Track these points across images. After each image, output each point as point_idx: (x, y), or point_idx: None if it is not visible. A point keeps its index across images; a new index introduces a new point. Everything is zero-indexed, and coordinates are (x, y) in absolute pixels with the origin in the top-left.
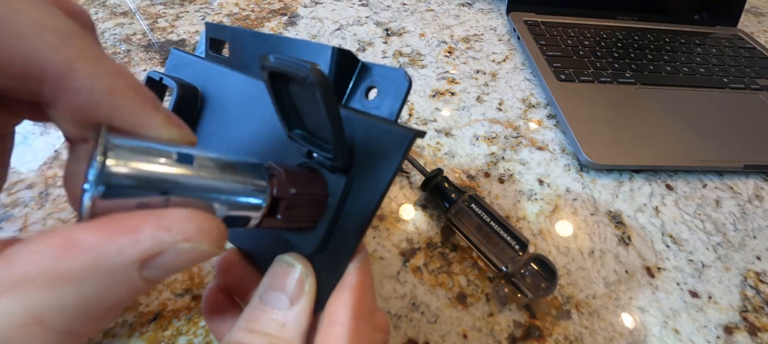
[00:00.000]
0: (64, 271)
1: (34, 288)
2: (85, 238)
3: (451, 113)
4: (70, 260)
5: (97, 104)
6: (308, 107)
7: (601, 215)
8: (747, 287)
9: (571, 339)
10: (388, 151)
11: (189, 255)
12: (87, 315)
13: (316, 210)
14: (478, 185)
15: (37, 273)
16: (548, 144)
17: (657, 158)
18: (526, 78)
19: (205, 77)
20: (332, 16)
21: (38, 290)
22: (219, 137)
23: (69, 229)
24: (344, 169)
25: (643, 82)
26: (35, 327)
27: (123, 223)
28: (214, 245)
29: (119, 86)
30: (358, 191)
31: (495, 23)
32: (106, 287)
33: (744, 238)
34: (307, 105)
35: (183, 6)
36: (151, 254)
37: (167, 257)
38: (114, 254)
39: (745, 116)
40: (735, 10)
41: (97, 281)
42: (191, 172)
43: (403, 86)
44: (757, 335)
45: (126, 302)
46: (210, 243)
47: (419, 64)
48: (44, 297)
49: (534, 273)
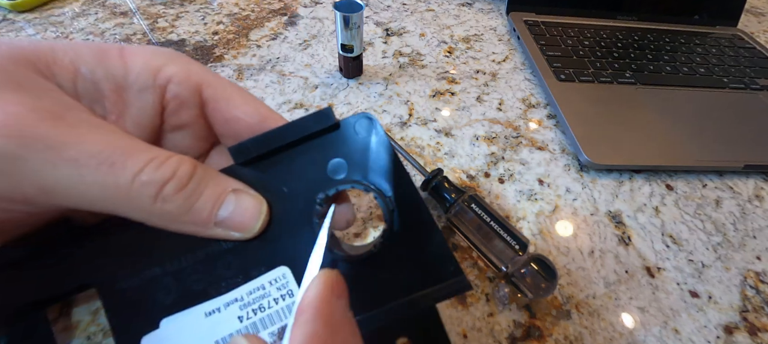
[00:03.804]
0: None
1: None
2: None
3: (451, 113)
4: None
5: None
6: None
7: (601, 215)
8: (747, 287)
9: (571, 339)
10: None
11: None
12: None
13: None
14: (478, 185)
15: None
16: (548, 144)
17: (657, 158)
18: (526, 78)
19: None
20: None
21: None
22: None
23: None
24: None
25: (643, 83)
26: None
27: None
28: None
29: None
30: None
31: (495, 23)
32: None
33: (744, 238)
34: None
35: (183, 6)
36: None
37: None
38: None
39: (745, 116)
40: (735, 10)
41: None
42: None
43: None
44: (757, 335)
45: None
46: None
47: (419, 64)
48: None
49: (534, 273)
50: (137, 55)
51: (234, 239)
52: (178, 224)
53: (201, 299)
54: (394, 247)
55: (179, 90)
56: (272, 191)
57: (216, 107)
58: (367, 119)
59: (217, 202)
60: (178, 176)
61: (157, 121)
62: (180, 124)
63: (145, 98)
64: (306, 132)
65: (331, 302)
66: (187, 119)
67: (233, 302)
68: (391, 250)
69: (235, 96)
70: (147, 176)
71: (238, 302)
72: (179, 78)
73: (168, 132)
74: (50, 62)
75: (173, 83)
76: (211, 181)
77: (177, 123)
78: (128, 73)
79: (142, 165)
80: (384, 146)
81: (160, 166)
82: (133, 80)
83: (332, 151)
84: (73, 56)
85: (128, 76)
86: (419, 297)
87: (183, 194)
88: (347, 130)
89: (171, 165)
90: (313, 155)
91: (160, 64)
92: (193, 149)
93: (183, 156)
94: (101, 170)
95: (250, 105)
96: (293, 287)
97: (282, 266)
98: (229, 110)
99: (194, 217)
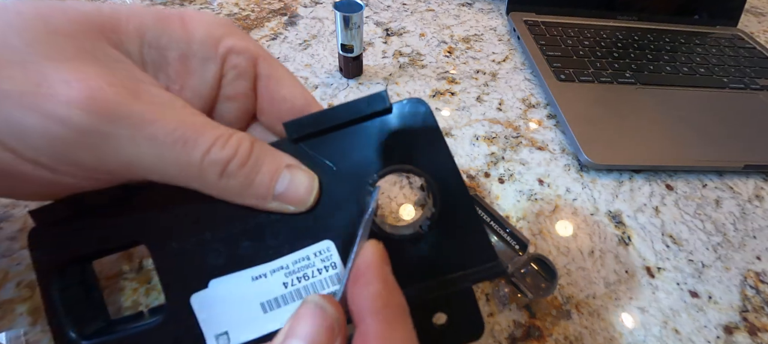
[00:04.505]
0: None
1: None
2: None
3: (451, 113)
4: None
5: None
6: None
7: (601, 215)
8: (747, 287)
9: (571, 339)
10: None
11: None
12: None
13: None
14: (478, 185)
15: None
16: (548, 144)
17: (657, 158)
18: (526, 78)
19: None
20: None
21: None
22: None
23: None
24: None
25: (643, 82)
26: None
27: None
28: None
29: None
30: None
31: (495, 23)
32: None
33: (744, 238)
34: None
35: (183, 6)
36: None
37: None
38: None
39: (745, 116)
40: (735, 10)
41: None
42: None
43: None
44: (757, 335)
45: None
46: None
47: (419, 64)
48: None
49: (534, 273)
50: (199, 23)
51: (289, 212)
52: (240, 198)
53: (249, 264)
54: (436, 229)
55: (238, 62)
56: (321, 168)
57: (267, 84)
58: (419, 104)
59: (273, 177)
60: (240, 154)
61: (214, 91)
62: (233, 95)
63: (207, 68)
64: (359, 114)
65: (384, 266)
66: (241, 91)
67: (279, 269)
68: (434, 232)
69: (286, 77)
70: (215, 155)
71: (283, 270)
72: (239, 49)
73: (220, 102)
74: (117, 29)
75: (233, 54)
76: (267, 157)
77: (230, 94)
78: (191, 41)
79: (210, 143)
80: (433, 132)
81: (225, 144)
82: (197, 49)
83: (383, 133)
84: (137, 23)
85: (191, 45)
86: (458, 277)
87: (244, 170)
88: (399, 113)
89: (233, 143)
90: (364, 137)
91: (221, 34)
92: (239, 122)
93: (242, 133)
94: (176, 148)
95: (298, 88)
96: (336, 260)
97: (327, 240)
98: (278, 89)
99: (254, 191)
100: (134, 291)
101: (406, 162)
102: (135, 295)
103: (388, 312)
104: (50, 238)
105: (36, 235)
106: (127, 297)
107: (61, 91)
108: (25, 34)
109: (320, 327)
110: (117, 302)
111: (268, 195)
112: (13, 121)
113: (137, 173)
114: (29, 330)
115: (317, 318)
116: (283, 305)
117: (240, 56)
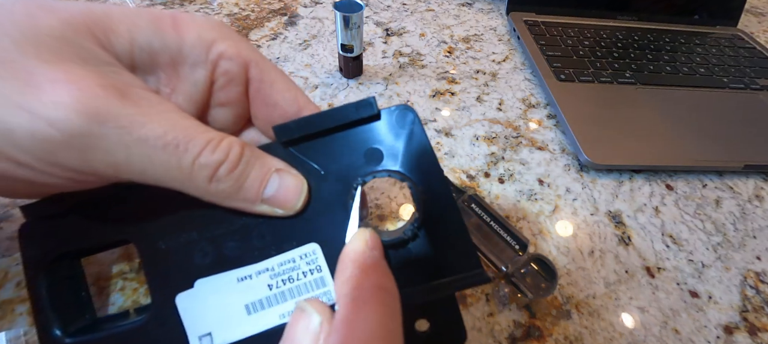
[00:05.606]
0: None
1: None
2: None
3: (451, 113)
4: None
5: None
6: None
7: (601, 215)
8: (747, 287)
9: (571, 339)
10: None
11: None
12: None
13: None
14: (478, 185)
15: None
16: (548, 144)
17: (657, 158)
18: (526, 78)
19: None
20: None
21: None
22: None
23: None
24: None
25: (643, 82)
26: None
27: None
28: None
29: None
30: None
31: (495, 23)
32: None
33: (744, 238)
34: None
35: (183, 6)
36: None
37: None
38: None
39: (745, 116)
40: (735, 10)
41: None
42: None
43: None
44: (757, 335)
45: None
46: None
47: (419, 65)
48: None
49: (534, 273)
50: (190, 26)
51: (278, 216)
52: (229, 201)
53: (235, 265)
54: (421, 235)
55: (229, 67)
56: (310, 172)
57: (259, 89)
58: (407, 111)
59: (263, 181)
60: (230, 158)
61: (206, 96)
62: (225, 101)
63: (198, 72)
64: (347, 119)
65: (364, 251)
66: (233, 97)
67: (264, 271)
68: (419, 238)
69: (279, 81)
70: (204, 159)
71: (269, 271)
72: (230, 54)
73: (213, 108)
74: (107, 30)
75: (224, 59)
76: (257, 161)
77: (223, 100)
78: (183, 45)
79: (200, 148)
80: (420, 139)
81: (216, 149)
82: (188, 54)
83: (370, 139)
84: (129, 25)
85: (183, 49)
86: (442, 284)
87: (234, 174)
88: (387, 120)
89: (224, 147)
90: (352, 142)
91: (213, 39)
92: (232, 126)
93: (232, 138)
94: (167, 151)
95: (291, 92)
96: (322, 263)
97: (313, 243)
98: (271, 94)
99: (243, 195)
100: (134, 291)
101: (392, 168)
102: (135, 295)
103: (357, 294)
104: (40, 233)
105: (26, 230)
106: (127, 296)
107: (49, 91)
108: (14, 33)
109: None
110: (117, 302)
111: (257, 199)
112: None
113: (125, 175)
114: (29, 330)
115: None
116: (268, 307)
117: (231, 62)
